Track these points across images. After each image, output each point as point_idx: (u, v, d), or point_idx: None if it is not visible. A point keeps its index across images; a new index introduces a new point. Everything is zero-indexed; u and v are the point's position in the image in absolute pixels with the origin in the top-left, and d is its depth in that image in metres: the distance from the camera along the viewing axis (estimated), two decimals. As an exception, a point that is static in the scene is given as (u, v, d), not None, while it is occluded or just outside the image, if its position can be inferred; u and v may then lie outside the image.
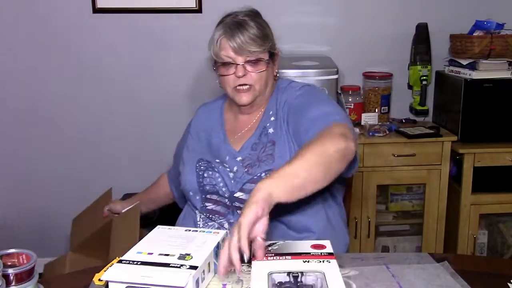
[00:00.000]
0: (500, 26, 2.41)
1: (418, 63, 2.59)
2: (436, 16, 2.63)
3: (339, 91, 2.49)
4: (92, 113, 2.66)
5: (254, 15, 1.44)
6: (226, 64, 1.39)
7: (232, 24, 1.38)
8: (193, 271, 0.98)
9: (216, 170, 1.42)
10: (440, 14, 2.64)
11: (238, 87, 1.40)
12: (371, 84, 2.60)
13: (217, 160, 1.44)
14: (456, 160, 2.42)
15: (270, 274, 1.01)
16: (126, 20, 2.57)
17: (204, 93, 2.45)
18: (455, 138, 2.41)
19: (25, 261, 1.02)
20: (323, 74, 2.21)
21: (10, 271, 0.98)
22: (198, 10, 2.57)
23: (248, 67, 1.38)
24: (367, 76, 2.63)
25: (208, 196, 1.43)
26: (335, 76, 2.23)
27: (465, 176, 2.39)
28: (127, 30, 2.59)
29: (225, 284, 1.07)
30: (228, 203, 1.39)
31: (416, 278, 1.10)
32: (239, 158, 1.42)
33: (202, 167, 1.45)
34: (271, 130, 1.42)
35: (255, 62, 1.39)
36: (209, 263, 1.07)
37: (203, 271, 1.04)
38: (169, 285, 0.95)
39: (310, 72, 2.21)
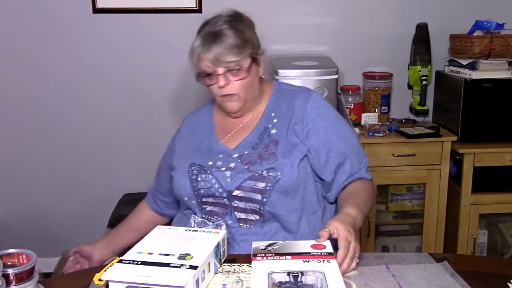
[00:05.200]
0: (500, 26, 2.41)
1: (418, 63, 2.59)
2: (436, 16, 2.63)
3: (339, 91, 2.49)
4: (92, 113, 2.66)
5: (234, 20, 1.42)
6: (208, 75, 1.39)
7: (208, 35, 1.37)
8: (193, 271, 0.98)
9: (209, 172, 1.41)
10: (440, 14, 2.64)
11: (224, 96, 1.42)
12: (371, 84, 2.60)
13: (210, 163, 1.43)
14: (456, 160, 2.42)
15: (270, 274, 1.01)
16: (126, 20, 2.57)
17: (204, 92, 2.44)
18: (455, 138, 2.41)
19: (25, 261, 1.02)
20: (323, 74, 2.21)
21: (10, 271, 0.98)
22: (198, 10, 2.56)
23: (230, 76, 1.38)
24: (367, 76, 2.63)
25: (204, 199, 1.41)
26: (335, 76, 2.23)
27: (465, 176, 2.39)
28: (127, 30, 2.59)
29: (225, 284, 1.07)
30: (227, 202, 1.39)
31: (416, 278, 1.11)
32: (235, 155, 1.42)
33: (194, 171, 1.43)
34: (273, 131, 1.43)
35: (236, 70, 1.38)
36: (209, 263, 1.08)
37: (203, 271, 1.04)
38: (169, 285, 0.95)
39: (310, 72, 2.21)
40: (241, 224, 1.37)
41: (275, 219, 1.37)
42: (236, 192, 1.37)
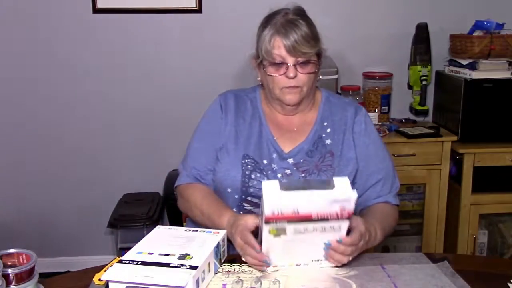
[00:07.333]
0: (500, 26, 2.41)
1: (418, 63, 2.59)
2: (436, 16, 2.63)
3: (339, 91, 2.49)
4: (92, 113, 2.66)
5: (303, 14, 1.41)
6: (276, 64, 1.36)
7: (285, 22, 1.35)
8: (193, 271, 0.98)
9: (265, 174, 1.38)
10: (440, 14, 2.64)
11: (286, 87, 1.38)
12: (371, 84, 2.60)
13: (265, 161, 1.39)
14: (456, 160, 2.42)
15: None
16: (126, 20, 2.57)
17: (203, 93, 2.45)
18: (455, 138, 2.41)
19: (25, 261, 1.02)
20: (323, 74, 2.17)
21: (10, 271, 0.98)
22: (198, 10, 2.56)
23: (298, 68, 1.36)
24: (367, 76, 2.62)
25: (249, 198, 1.38)
26: (335, 76, 2.22)
27: (465, 176, 2.39)
28: (127, 30, 2.59)
29: (225, 284, 1.07)
30: None
31: (412, 278, 1.11)
32: (290, 161, 1.40)
33: (249, 166, 1.39)
34: (328, 141, 1.43)
35: (305, 63, 1.36)
36: (209, 263, 1.08)
37: (203, 271, 1.04)
38: (169, 285, 0.95)
39: (310, 72, 2.20)
40: None
41: None
42: None
